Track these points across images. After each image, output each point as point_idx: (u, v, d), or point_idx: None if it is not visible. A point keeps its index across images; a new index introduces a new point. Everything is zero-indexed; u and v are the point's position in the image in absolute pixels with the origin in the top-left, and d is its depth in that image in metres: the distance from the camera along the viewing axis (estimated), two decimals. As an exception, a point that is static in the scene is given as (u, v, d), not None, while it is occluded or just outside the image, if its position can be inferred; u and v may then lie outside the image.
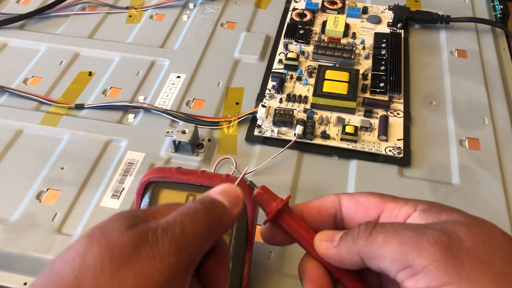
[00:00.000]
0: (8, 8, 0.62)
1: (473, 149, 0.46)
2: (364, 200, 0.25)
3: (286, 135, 0.46)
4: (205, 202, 0.25)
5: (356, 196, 0.26)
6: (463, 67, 0.54)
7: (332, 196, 0.26)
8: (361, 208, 0.25)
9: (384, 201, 0.25)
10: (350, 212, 0.25)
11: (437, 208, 0.24)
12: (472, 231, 0.22)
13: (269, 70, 0.53)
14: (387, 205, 0.25)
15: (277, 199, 0.26)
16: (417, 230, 0.22)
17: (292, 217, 0.26)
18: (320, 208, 0.26)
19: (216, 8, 0.62)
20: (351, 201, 0.26)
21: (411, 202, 0.24)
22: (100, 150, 0.46)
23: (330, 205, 0.26)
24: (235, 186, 0.26)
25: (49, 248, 0.38)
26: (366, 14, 0.60)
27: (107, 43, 0.57)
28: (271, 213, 0.26)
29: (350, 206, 0.25)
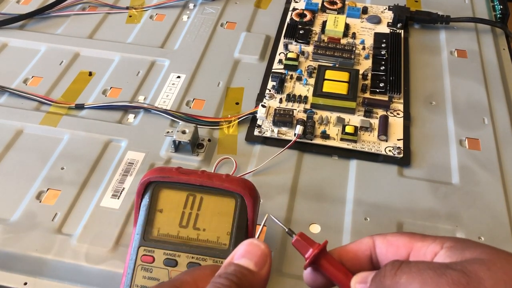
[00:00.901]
0: (8, 8, 0.62)
1: (473, 149, 0.46)
2: (394, 240, 0.26)
3: (286, 135, 0.46)
4: (231, 276, 0.24)
5: (387, 237, 0.27)
6: (463, 67, 0.54)
7: (367, 238, 0.27)
8: (391, 248, 0.26)
9: (413, 240, 0.26)
10: (383, 252, 0.26)
11: (463, 245, 0.24)
12: (493, 270, 0.22)
13: (269, 70, 0.53)
14: (416, 244, 0.25)
15: (314, 244, 0.27)
16: (437, 271, 0.22)
17: (330, 261, 0.27)
18: (357, 251, 0.27)
19: (216, 8, 0.62)
20: (383, 242, 0.26)
21: (438, 240, 0.25)
22: (100, 150, 0.46)
23: (365, 248, 0.27)
24: (258, 242, 0.26)
25: (49, 248, 0.38)
26: (366, 14, 0.60)
27: (107, 43, 0.57)
28: (308, 258, 0.27)
29: (382, 247, 0.26)
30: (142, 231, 0.33)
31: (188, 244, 0.33)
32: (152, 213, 0.34)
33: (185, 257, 0.33)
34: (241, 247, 0.26)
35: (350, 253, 0.27)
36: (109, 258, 0.38)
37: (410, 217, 0.41)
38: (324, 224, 0.40)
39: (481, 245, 0.24)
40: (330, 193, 0.43)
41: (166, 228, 0.34)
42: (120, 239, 0.39)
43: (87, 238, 0.39)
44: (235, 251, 0.26)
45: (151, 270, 0.33)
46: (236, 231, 0.33)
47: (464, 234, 0.39)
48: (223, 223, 0.33)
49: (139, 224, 0.34)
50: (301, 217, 0.41)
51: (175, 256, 0.33)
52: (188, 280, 0.25)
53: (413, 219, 0.40)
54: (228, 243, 0.33)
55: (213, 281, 0.24)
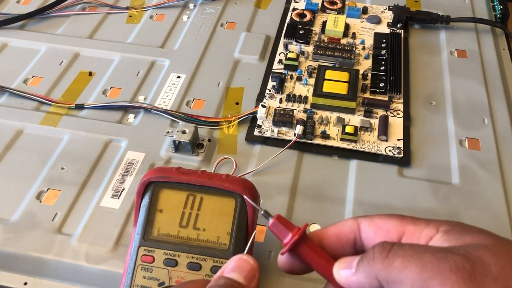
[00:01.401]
0: (8, 8, 0.62)
1: (473, 149, 0.46)
2: (383, 223, 0.24)
3: (286, 135, 0.46)
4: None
5: (374, 219, 0.25)
6: (463, 67, 0.54)
7: (351, 220, 0.25)
8: (380, 232, 0.24)
9: (404, 223, 0.24)
10: (370, 236, 0.25)
11: (461, 229, 0.23)
12: (499, 256, 0.20)
13: (269, 70, 0.53)
14: (408, 228, 0.24)
15: (293, 228, 0.26)
16: (438, 254, 0.21)
17: (310, 246, 0.25)
18: (339, 234, 0.25)
19: (216, 8, 0.62)
20: (370, 225, 0.25)
21: (432, 223, 0.23)
22: (100, 150, 0.46)
23: (349, 231, 0.25)
24: (247, 257, 0.26)
25: (49, 248, 0.38)
26: (366, 14, 0.60)
27: (107, 43, 0.57)
28: (287, 244, 0.25)
29: (369, 230, 0.25)
30: (142, 231, 0.33)
31: (188, 244, 0.33)
32: (152, 213, 0.34)
33: (185, 257, 0.33)
34: (231, 262, 0.26)
35: (332, 237, 0.25)
36: (109, 258, 0.38)
37: (410, 217, 0.40)
38: (324, 224, 0.40)
39: (480, 229, 0.23)
40: (330, 193, 0.43)
41: (166, 228, 0.34)
42: (120, 239, 0.39)
43: (87, 238, 0.39)
44: (224, 266, 0.26)
45: (151, 270, 0.33)
46: (236, 231, 0.33)
47: (464, 234, 0.39)
48: (223, 223, 0.33)
49: (139, 224, 0.34)
50: (301, 217, 0.41)
51: (175, 256, 0.33)
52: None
53: (413, 219, 0.40)
54: (228, 243, 0.33)
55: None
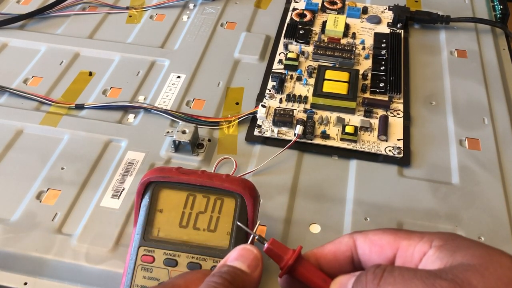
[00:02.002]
0: (8, 8, 0.62)
1: (473, 149, 0.46)
2: (377, 239, 0.24)
3: (286, 135, 0.46)
4: (224, 275, 0.25)
5: (369, 236, 0.25)
6: (463, 67, 0.54)
7: (346, 237, 0.25)
8: (375, 249, 0.24)
9: (398, 238, 0.24)
10: (366, 252, 0.25)
11: (453, 245, 0.23)
12: (486, 277, 0.21)
13: (269, 70, 0.53)
14: (402, 243, 0.24)
15: (288, 252, 0.26)
16: (426, 281, 0.21)
17: (306, 268, 0.25)
18: (336, 252, 0.26)
19: (216, 8, 0.62)
20: (365, 241, 0.25)
21: (426, 238, 0.23)
22: (100, 150, 0.46)
23: (345, 248, 0.25)
24: (250, 247, 0.27)
25: (49, 248, 0.38)
26: (366, 14, 0.60)
27: (107, 43, 0.57)
28: (283, 268, 0.26)
29: (364, 247, 0.25)
30: (142, 231, 0.33)
31: (188, 244, 0.33)
32: (152, 213, 0.34)
33: (185, 257, 0.33)
34: (234, 251, 0.26)
35: (329, 255, 0.26)
36: (109, 258, 0.38)
37: (410, 217, 0.41)
38: (324, 224, 0.40)
39: (472, 244, 0.23)
40: (330, 193, 0.43)
41: (166, 228, 0.34)
42: (120, 239, 0.39)
43: (87, 238, 0.39)
44: (228, 255, 0.26)
45: (151, 270, 0.33)
46: (236, 231, 0.33)
47: (464, 234, 0.39)
48: (223, 223, 0.33)
49: (139, 224, 0.34)
50: (301, 217, 0.41)
51: (175, 256, 0.33)
52: (179, 283, 0.25)
53: (413, 219, 0.40)
54: (228, 243, 0.33)
55: (207, 280, 0.25)
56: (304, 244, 0.38)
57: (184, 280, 0.25)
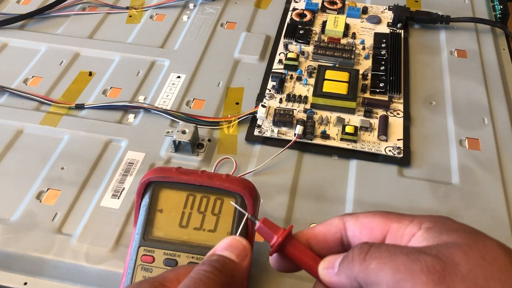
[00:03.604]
0: (8, 8, 0.62)
1: (473, 149, 0.46)
2: (368, 222, 0.25)
3: (286, 135, 0.46)
4: (213, 263, 0.25)
5: (360, 218, 0.25)
6: (463, 67, 0.54)
7: (337, 219, 0.26)
8: (365, 230, 0.25)
9: (388, 221, 0.24)
10: (355, 235, 0.25)
11: (441, 226, 0.23)
12: (469, 255, 0.21)
13: (269, 70, 0.53)
14: (392, 225, 0.24)
15: (279, 230, 0.26)
16: (411, 256, 0.21)
17: (296, 247, 0.26)
18: (326, 233, 0.26)
19: (216, 8, 0.62)
20: (355, 224, 0.25)
21: (416, 220, 0.24)
22: (100, 150, 0.46)
23: (335, 230, 0.26)
24: (239, 238, 0.27)
25: (49, 248, 0.38)
26: (366, 14, 0.60)
27: (107, 43, 0.57)
28: (273, 246, 0.26)
29: (354, 229, 0.25)
30: (142, 231, 0.33)
31: (188, 244, 0.33)
32: (152, 213, 0.34)
33: (185, 257, 0.33)
34: (223, 242, 0.27)
35: (319, 236, 0.26)
36: (109, 258, 0.38)
37: (410, 217, 0.40)
38: (324, 224, 0.40)
39: (459, 226, 0.23)
40: (330, 193, 0.43)
41: (166, 228, 0.34)
42: (120, 239, 0.39)
43: (87, 238, 0.39)
44: (217, 245, 0.27)
45: (151, 270, 0.33)
46: (236, 231, 0.33)
47: (464, 234, 0.39)
48: (223, 223, 0.33)
49: (139, 224, 0.34)
50: (301, 217, 0.41)
51: (175, 256, 0.33)
52: (170, 277, 0.25)
53: (413, 219, 0.40)
54: (228, 243, 0.33)
55: (196, 268, 0.25)
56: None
57: (175, 274, 0.25)
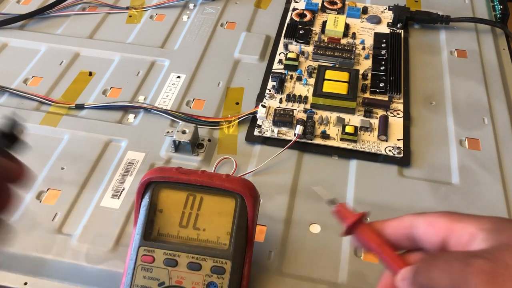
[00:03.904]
0: (8, 8, 0.62)
1: (473, 149, 0.46)
2: (434, 221, 0.27)
3: (286, 135, 0.46)
4: None
5: (427, 217, 0.27)
6: (463, 67, 0.54)
7: (408, 217, 0.28)
8: (431, 230, 0.26)
9: (452, 221, 0.26)
10: (424, 233, 0.27)
11: (500, 227, 0.24)
12: None
13: (269, 70, 0.53)
14: (455, 226, 0.26)
15: (351, 215, 0.29)
16: (464, 261, 0.22)
17: (365, 232, 0.28)
18: (396, 228, 0.28)
19: (216, 8, 0.62)
20: (423, 223, 0.27)
21: (477, 221, 0.25)
22: (100, 150, 0.46)
23: (405, 226, 0.27)
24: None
25: (49, 248, 0.38)
26: (366, 14, 0.60)
27: (107, 43, 0.57)
28: (347, 225, 0.28)
29: (422, 228, 0.27)
30: (142, 231, 0.33)
31: (188, 244, 0.33)
32: (152, 213, 0.34)
33: (185, 257, 0.33)
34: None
35: (390, 229, 0.28)
36: (109, 258, 0.38)
37: (410, 217, 0.40)
38: (324, 224, 0.40)
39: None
40: (330, 193, 0.43)
41: (166, 228, 0.34)
42: (120, 239, 0.39)
43: (87, 238, 0.39)
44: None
45: (151, 270, 0.33)
46: (236, 231, 0.33)
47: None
48: (223, 223, 0.33)
49: (139, 224, 0.34)
50: (301, 217, 0.41)
51: (175, 256, 0.33)
52: None
53: (413, 219, 0.40)
54: (228, 243, 0.33)
55: None
56: (304, 244, 0.38)
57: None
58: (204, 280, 0.32)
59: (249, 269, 0.34)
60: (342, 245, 0.39)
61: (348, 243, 0.39)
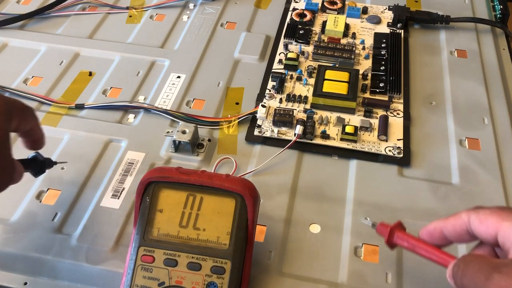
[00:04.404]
0: (8, 8, 0.62)
1: (473, 149, 0.46)
2: (484, 219, 0.29)
3: (286, 135, 0.46)
4: None
5: (479, 215, 0.30)
6: (463, 67, 0.54)
7: (464, 213, 0.31)
8: (482, 227, 0.29)
9: (500, 219, 0.29)
10: (476, 229, 0.30)
11: None
12: None
13: (269, 70, 0.53)
14: (503, 224, 0.28)
15: (387, 229, 0.33)
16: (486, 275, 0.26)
17: (403, 239, 0.33)
18: (454, 225, 0.31)
19: (216, 8, 0.62)
20: (476, 220, 0.30)
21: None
22: (100, 150, 0.46)
23: (462, 222, 0.31)
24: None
25: (49, 248, 0.38)
26: (366, 14, 0.60)
27: (107, 43, 0.57)
28: (386, 235, 0.33)
29: (476, 224, 0.30)
30: (142, 231, 0.33)
31: (188, 244, 0.33)
32: (152, 213, 0.34)
33: (185, 257, 0.33)
34: None
35: (449, 226, 0.31)
36: (109, 258, 0.38)
37: (410, 217, 0.41)
38: (324, 224, 0.40)
39: None
40: (330, 193, 0.43)
41: (166, 228, 0.34)
42: (120, 239, 0.39)
43: (87, 238, 0.39)
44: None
45: (151, 270, 0.33)
46: (236, 231, 0.33)
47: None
48: (223, 223, 0.33)
49: (139, 224, 0.34)
50: (301, 217, 0.41)
51: (175, 256, 0.33)
52: None
53: (413, 219, 0.40)
54: (228, 243, 0.33)
55: None
56: (304, 244, 0.39)
57: None
58: (204, 280, 0.32)
59: (249, 269, 0.34)
60: (342, 245, 0.39)
61: (348, 243, 0.39)
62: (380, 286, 0.36)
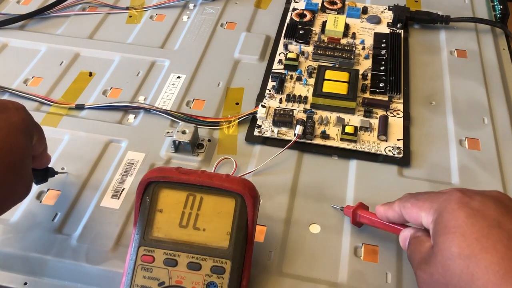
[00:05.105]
0: (8, 8, 0.62)
1: (473, 149, 0.46)
2: (410, 211, 0.34)
3: (286, 135, 0.46)
4: None
5: (406, 209, 0.34)
6: (463, 67, 0.54)
7: (396, 205, 0.35)
8: (409, 217, 0.34)
9: (420, 210, 0.33)
10: (407, 219, 0.35)
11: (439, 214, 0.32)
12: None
13: (269, 70, 0.53)
14: (421, 214, 0.33)
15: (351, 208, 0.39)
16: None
17: (363, 214, 0.39)
18: (394, 215, 0.36)
19: (216, 8, 0.62)
20: (404, 211, 0.34)
21: (425, 206, 0.33)
22: (101, 150, 0.46)
23: (396, 214, 0.35)
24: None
25: (49, 248, 0.38)
26: (366, 14, 0.60)
27: (107, 44, 0.57)
28: (351, 215, 0.39)
29: (405, 215, 0.35)
30: (142, 231, 0.33)
31: (188, 244, 0.33)
32: (152, 213, 0.34)
33: (185, 257, 0.33)
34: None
35: (390, 216, 0.36)
36: (109, 258, 0.38)
37: (410, 217, 0.41)
38: (324, 224, 0.40)
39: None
40: (330, 193, 0.43)
41: (166, 228, 0.34)
42: (120, 239, 0.39)
43: (87, 238, 0.39)
44: None
45: (151, 270, 0.33)
46: (236, 231, 0.33)
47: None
48: (223, 223, 0.33)
49: (139, 224, 0.34)
50: (301, 217, 0.41)
51: (175, 256, 0.33)
52: None
53: (413, 219, 0.40)
54: (228, 243, 0.33)
55: None
56: (304, 244, 0.39)
57: None
58: (204, 280, 0.32)
59: (249, 269, 0.34)
60: (342, 245, 0.39)
61: (348, 243, 0.39)
62: (380, 286, 0.36)
